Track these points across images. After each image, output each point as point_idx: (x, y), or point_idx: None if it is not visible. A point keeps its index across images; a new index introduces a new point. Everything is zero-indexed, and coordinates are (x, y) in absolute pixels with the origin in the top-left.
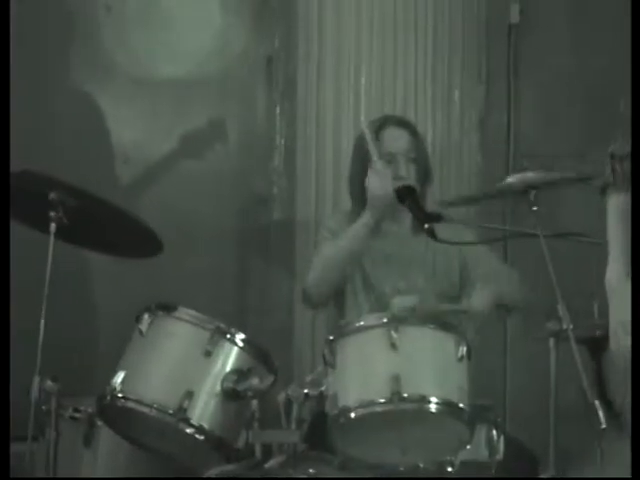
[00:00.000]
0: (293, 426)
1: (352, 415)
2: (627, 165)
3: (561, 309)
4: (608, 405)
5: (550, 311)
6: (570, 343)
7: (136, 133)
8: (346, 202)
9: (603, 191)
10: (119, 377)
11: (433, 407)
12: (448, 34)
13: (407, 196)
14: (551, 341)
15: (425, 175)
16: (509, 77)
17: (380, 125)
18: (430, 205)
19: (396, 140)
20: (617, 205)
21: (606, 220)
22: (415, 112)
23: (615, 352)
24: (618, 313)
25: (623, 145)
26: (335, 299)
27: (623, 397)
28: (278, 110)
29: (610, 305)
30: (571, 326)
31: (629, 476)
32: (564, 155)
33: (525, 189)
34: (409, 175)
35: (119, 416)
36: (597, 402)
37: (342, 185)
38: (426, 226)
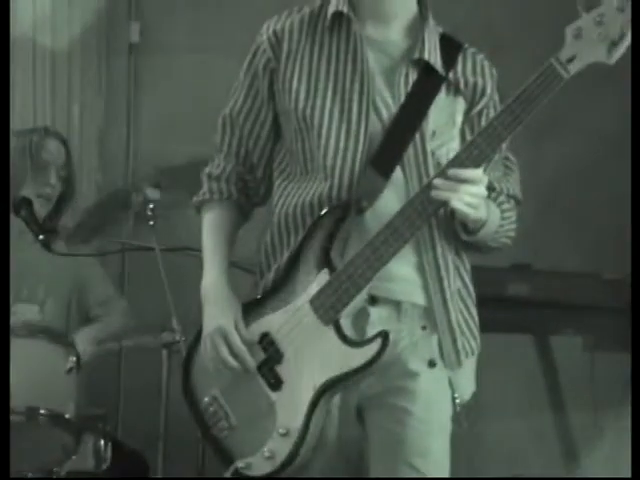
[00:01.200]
0: None
1: None
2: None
3: (174, 321)
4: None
5: (164, 323)
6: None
7: None
8: None
9: (198, 210)
10: None
11: (39, 419)
12: (67, 48)
13: (23, 207)
14: (164, 352)
15: (72, 187)
16: (129, 93)
17: (41, 136)
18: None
19: (55, 151)
20: (210, 220)
21: (202, 235)
22: (34, 124)
23: (204, 356)
24: (211, 320)
25: (216, 165)
26: None
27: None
28: None
29: (204, 313)
30: (183, 338)
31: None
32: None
33: (144, 203)
34: (60, 186)
35: None
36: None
37: None
38: (41, 237)
